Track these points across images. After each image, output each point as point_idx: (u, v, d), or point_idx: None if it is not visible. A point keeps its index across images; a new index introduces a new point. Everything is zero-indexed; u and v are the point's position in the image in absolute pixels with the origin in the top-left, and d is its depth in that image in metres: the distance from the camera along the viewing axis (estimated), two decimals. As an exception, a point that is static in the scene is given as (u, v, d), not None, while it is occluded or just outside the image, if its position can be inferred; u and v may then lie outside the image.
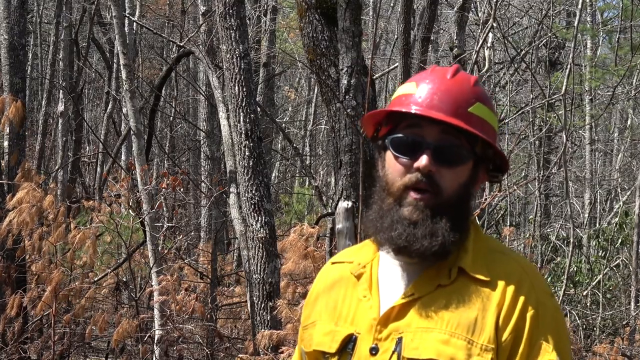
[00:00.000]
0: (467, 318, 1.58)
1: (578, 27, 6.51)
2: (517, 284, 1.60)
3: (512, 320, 1.57)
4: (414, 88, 1.66)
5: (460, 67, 1.73)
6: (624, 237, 11.57)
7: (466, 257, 1.63)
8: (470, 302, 1.59)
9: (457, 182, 1.62)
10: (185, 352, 8.69)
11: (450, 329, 1.58)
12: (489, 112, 1.66)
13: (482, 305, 1.59)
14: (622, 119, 17.87)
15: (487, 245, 1.68)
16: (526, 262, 1.67)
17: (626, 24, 12.95)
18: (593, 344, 9.35)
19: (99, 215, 8.47)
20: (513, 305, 1.58)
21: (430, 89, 1.64)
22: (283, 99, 21.34)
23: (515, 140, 10.05)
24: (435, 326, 1.59)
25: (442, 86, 1.64)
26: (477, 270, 1.62)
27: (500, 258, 1.65)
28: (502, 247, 1.71)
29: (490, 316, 1.58)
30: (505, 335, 1.57)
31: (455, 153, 1.62)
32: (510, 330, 1.57)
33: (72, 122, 13.74)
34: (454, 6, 10.80)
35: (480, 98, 1.66)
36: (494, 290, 1.59)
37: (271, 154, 15.81)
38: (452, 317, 1.59)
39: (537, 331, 1.58)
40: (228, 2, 6.37)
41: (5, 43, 9.16)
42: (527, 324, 1.57)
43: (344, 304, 1.72)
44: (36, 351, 8.54)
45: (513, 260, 1.65)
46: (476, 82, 1.68)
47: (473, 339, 1.57)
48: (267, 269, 6.23)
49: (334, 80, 4.87)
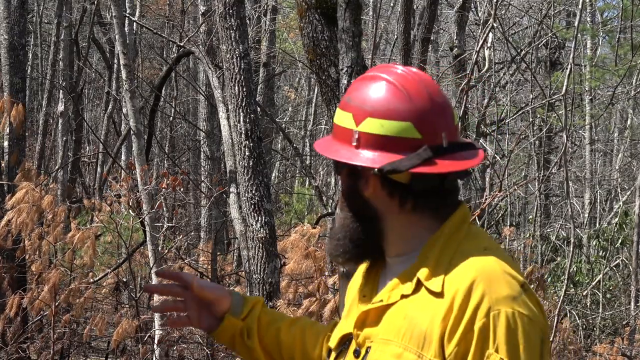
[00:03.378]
0: (418, 331, 1.53)
1: (578, 27, 6.51)
2: (467, 293, 1.50)
3: (458, 332, 1.49)
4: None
5: (365, 73, 1.71)
6: (624, 237, 11.58)
7: (427, 266, 1.57)
8: (423, 314, 1.54)
9: (342, 187, 1.68)
10: (186, 352, 8.69)
11: (405, 342, 1.54)
12: (339, 112, 1.65)
13: (432, 316, 1.52)
14: (622, 119, 17.87)
15: (458, 247, 1.59)
16: (491, 265, 1.54)
17: (626, 24, 12.95)
18: (593, 344, 9.36)
19: (99, 215, 8.48)
20: (460, 316, 1.49)
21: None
22: (283, 99, 21.35)
23: (515, 140, 10.05)
24: (393, 338, 1.56)
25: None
26: (432, 280, 1.55)
27: (461, 263, 1.55)
28: (471, 248, 1.59)
29: (436, 329, 1.51)
30: (450, 349, 1.49)
31: (334, 162, 1.67)
32: (456, 342, 1.49)
33: (72, 122, 13.75)
34: (454, 6, 10.81)
35: (342, 103, 1.66)
36: (443, 300, 1.52)
37: (271, 154, 15.81)
38: (407, 329, 1.55)
39: (487, 342, 1.47)
40: (228, 2, 6.37)
41: (5, 43, 9.16)
42: (475, 336, 1.47)
43: (354, 301, 1.73)
44: (36, 351, 8.55)
45: (472, 265, 1.54)
46: (358, 81, 1.67)
47: (423, 353, 1.52)
48: (267, 269, 6.23)
49: (334, 80, 4.87)
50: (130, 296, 8.91)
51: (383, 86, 1.61)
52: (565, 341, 8.45)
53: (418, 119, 1.58)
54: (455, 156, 1.59)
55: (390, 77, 1.62)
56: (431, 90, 1.61)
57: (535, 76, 9.08)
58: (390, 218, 1.62)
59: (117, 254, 10.43)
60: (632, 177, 15.13)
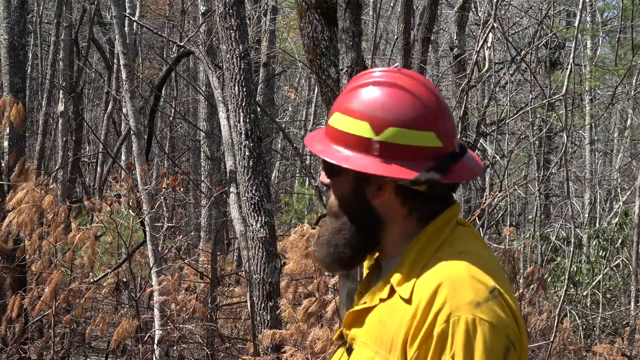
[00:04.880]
0: (387, 336, 1.53)
1: (578, 27, 6.51)
2: (431, 298, 1.47)
3: (419, 337, 1.47)
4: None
5: (366, 73, 1.65)
6: (624, 237, 11.58)
7: (401, 271, 1.56)
8: (393, 319, 1.53)
9: (338, 194, 1.62)
10: (186, 352, 8.69)
11: (376, 346, 1.54)
12: (345, 119, 1.59)
13: (399, 322, 1.51)
14: (622, 119, 17.87)
15: (435, 252, 1.56)
16: (460, 271, 1.51)
17: (626, 24, 12.95)
18: (593, 344, 9.36)
19: (99, 215, 8.48)
20: (422, 321, 1.47)
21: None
22: (283, 99, 21.35)
23: (515, 140, 10.05)
24: (369, 342, 1.57)
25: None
26: (403, 286, 1.54)
27: (433, 269, 1.52)
28: (446, 252, 1.56)
29: (401, 334, 1.50)
30: (411, 354, 1.48)
31: (327, 165, 1.62)
32: (416, 347, 1.47)
33: (72, 122, 13.75)
34: (454, 6, 10.81)
35: (340, 107, 1.62)
36: (410, 306, 1.51)
37: (271, 154, 15.81)
38: (379, 334, 1.55)
39: (444, 349, 1.45)
40: (228, 2, 6.37)
41: (5, 43, 9.16)
42: (434, 341, 1.45)
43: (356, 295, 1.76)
44: (36, 351, 8.54)
45: (441, 270, 1.51)
46: (350, 89, 1.62)
47: (389, 357, 1.52)
48: (267, 269, 6.23)
49: (334, 80, 4.87)
50: (130, 296, 8.91)
51: (399, 94, 1.58)
52: (565, 341, 8.45)
53: (438, 127, 1.57)
54: (463, 162, 1.60)
55: (400, 83, 1.59)
56: (437, 94, 1.62)
57: (535, 76, 9.07)
58: (393, 224, 1.61)
59: (117, 254, 10.43)
60: (632, 177, 15.13)
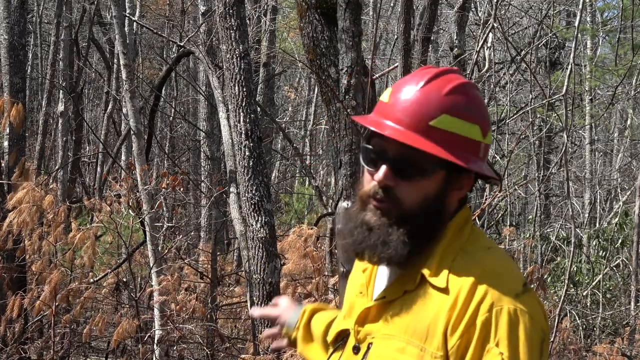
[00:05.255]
0: (422, 325, 1.55)
1: (578, 27, 6.51)
2: (471, 288, 1.53)
3: (461, 326, 1.51)
4: (388, 96, 1.65)
5: (447, 70, 1.65)
6: (624, 237, 11.58)
7: (431, 262, 1.59)
8: (427, 308, 1.56)
9: (419, 195, 1.59)
10: (186, 352, 8.68)
11: (407, 336, 1.56)
12: (458, 122, 1.59)
13: (436, 311, 1.54)
14: (622, 119, 17.87)
15: (462, 245, 1.62)
16: (494, 263, 1.59)
17: (626, 24, 12.94)
18: (593, 344, 9.36)
19: (99, 215, 8.47)
20: (464, 310, 1.52)
21: (396, 100, 1.62)
22: (283, 99, 21.34)
23: (516, 140, 10.05)
24: (396, 333, 1.58)
25: (408, 97, 1.60)
26: (436, 276, 1.57)
27: (465, 261, 1.58)
28: (475, 247, 1.62)
29: (441, 322, 1.53)
30: (452, 342, 1.52)
31: (415, 167, 1.58)
32: (459, 336, 1.51)
33: (72, 122, 13.74)
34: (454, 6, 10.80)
35: (448, 109, 1.59)
36: (448, 296, 1.54)
37: (271, 154, 15.81)
38: (410, 324, 1.57)
39: (488, 337, 1.50)
40: (228, 2, 6.37)
41: (5, 43, 9.15)
42: (477, 330, 1.50)
43: (349, 296, 1.76)
44: (36, 351, 8.54)
45: (476, 263, 1.57)
46: (452, 90, 1.60)
47: (425, 347, 1.54)
48: (267, 269, 6.23)
49: (334, 80, 4.87)
50: (130, 296, 8.91)
51: (480, 95, 1.67)
52: (565, 341, 8.44)
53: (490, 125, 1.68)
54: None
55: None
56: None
57: (535, 76, 9.07)
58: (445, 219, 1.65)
59: (117, 254, 10.42)
60: (632, 177, 15.12)
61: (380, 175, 1.59)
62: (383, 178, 1.58)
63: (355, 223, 1.62)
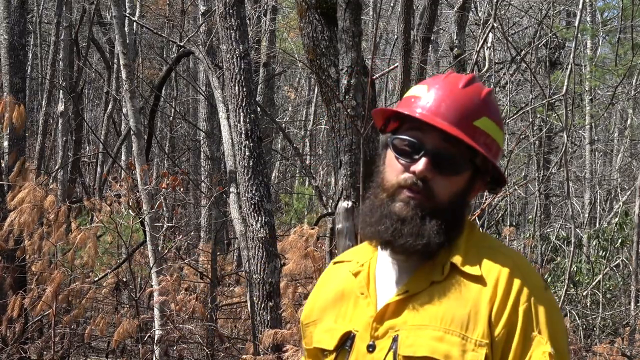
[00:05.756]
0: (460, 314, 1.59)
1: (578, 27, 6.51)
2: (509, 278, 1.60)
3: (505, 314, 1.57)
4: (425, 91, 1.68)
5: (476, 77, 1.73)
6: (624, 237, 11.57)
7: (458, 253, 1.64)
8: (463, 297, 1.60)
9: (451, 190, 1.64)
10: (185, 352, 8.69)
11: (445, 325, 1.59)
12: (494, 127, 1.68)
13: (474, 300, 1.59)
14: (622, 119, 17.86)
15: (480, 242, 1.68)
16: (519, 258, 1.67)
17: (626, 24, 12.94)
18: (593, 344, 9.35)
19: (99, 215, 8.47)
20: (505, 299, 1.58)
21: (439, 96, 1.66)
22: (283, 99, 21.34)
23: (516, 140, 10.05)
24: (429, 323, 1.60)
25: (452, 95, 1.66)
26: (468, 265, 1.63)
27: (493, 253, 1.64)
28: (495, 244, 1.71)
29: (483, 311, 1.58)
30: (498, 330, 1.57)
31: (452, 162, 1.64)
32: (504, 324, 1.57)
33: (72, 122, 13.74)
34: (454, 6, 10.80)
35: (488, 112, 1.67)
36: (485, 286, 1.60)
37: (271, 154, 15.80)
38: (446, 313, 1.60)
39: (531, 324, 1.57)
40: (228, 2, 6.37)
41: (5, 43, 9.15)
42: (520, 318, 1.57)
43: (342, 302, 1.74)
44: (36, 351, 8.54)
45: (505, 256, 1.64)
46: (488, 95, 1.68)
47: (467, 335, 1.58)
48: (267, 269, 6.22)
49: (334, 80, 4.87)
50: (130, 296, 8.91)
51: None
52: (565, 341, 8.43)
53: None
54: None
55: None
56: None
57: (535, 76, 9.08)
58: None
59: (117, 254, 10.42)
60: (632, 177, 15.12)
61: (422, 166, 1.62)
62: (424, 169, 1.62)
63: (383, 212, 1.65)
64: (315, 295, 1.84)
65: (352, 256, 1.81)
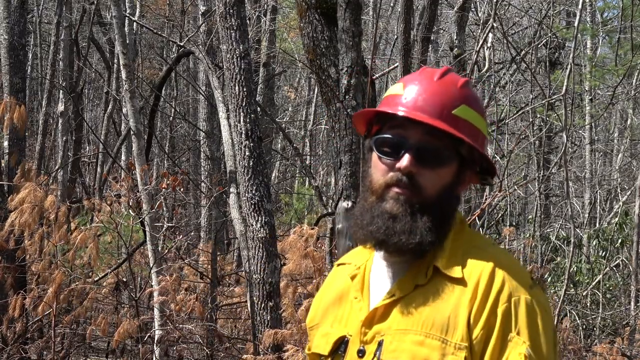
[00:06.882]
0: (441, 317, 1.58)
1: (578, 27, 6.52)
2: (489, 279, 1.57)
3: (483, 316, 1.55)
4: (402, 89, 1.68)
5: (451, 69, 1.73)
6: (624, 237, 11.57)
7: (442, 255, 1.63)
8: (444, 300, 1.59)
9: (439, 183, 1.63)
10: (185, 352, 8.69)
11: (425, 329, 1.58)
12: (475, 114, 1.66)
13: (455, 303, 1.58)
14: (622, 119, 17.86)
15: (467, 241, 1.66)
16: (505, 257, 1.64)
17: (626, 24, 12.94)
18: (593, 344, 9.35)
19: (99, 215, 8.47)
20: (484, 300, 1.56)
21: (416, 91, 1.66)
22: (283, 99, 21.34)
23: (515, 140, 10.05)
24: (412, 327, 1.59)
25: (428, 88, 1.66)
26: (451, 268, 1.61)
27: (478, 254, 1.62)
28: (482, 243, 1.68)
29: (462, 313, 1.56)
30: (477, 332, 1.55)
31: (437, 155, 1.63)
32: (482, 326, 1.55)
33: (72, 122, 13.74)
34: (454, 6, 10.80)
35: (467, 100, 1.66)
36: (466, 287, 1.58)
37: (271, 154, 15.81)
38: (428, 317, 1.59)
39: (509, 325, 1.55)
40: (228, 2, 6.37)
41: (5, 43, 9.15)
42: (499, 319, 1.55)
43: (340, 306, 1.74)
44: (37, 351, 8.54)
45: (489, 256, 1.62)
46: (465, 84, 1.68)
47: (447, 338, 1.56)
48: (267, 269, 6.22)
49: (334, 80, 4.87)
50: (130, 296, 8.91)
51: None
52: (565, 341, 8.44)
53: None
54: None
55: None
56: None
57: (535, 76, 9.08)
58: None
59: (117, 254, 10.42)
60: (632, 177, 15.12)
61: (406, 162, 1.62)
62: (409, 164, 1.61)
63: (374, 213, 1.65)
64: (319, 298, 1.84)
65: (352, 258, 1.81)
